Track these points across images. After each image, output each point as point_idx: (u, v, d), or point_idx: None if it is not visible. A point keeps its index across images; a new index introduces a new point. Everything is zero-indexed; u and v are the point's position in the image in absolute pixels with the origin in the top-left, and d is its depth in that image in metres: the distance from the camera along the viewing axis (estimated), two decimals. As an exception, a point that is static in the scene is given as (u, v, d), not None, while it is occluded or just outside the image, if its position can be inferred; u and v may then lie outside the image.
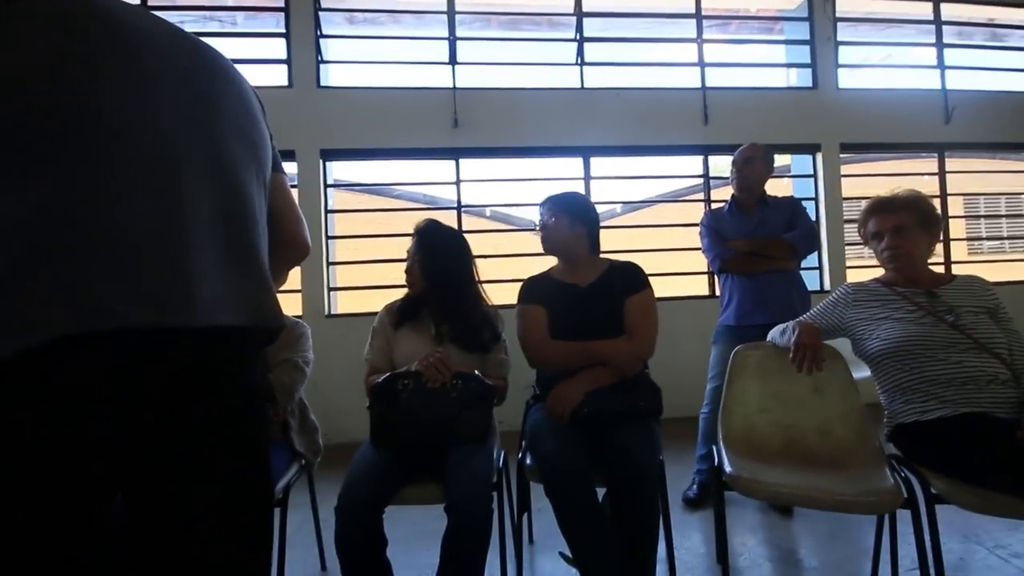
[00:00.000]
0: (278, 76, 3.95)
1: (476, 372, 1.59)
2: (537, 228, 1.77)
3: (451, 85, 4.02)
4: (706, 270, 4.17)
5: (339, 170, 4.62)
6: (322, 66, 4.02)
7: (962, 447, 1.31)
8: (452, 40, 4.06)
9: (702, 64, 4.24)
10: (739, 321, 2.24)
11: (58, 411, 0.58)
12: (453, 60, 4.05)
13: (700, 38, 4.27)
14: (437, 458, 1.49)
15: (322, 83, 4.00)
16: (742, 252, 2.22)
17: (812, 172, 4.38)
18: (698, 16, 4.27)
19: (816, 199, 4.32)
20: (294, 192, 2.69)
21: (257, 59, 4.02)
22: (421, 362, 1.54)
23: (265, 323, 0.75)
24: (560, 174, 4.28)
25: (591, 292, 1.71)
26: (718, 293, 2.43)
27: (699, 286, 4.30)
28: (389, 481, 1.43)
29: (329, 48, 4.11)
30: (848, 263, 4.29)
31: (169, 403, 0.67)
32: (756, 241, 2.21)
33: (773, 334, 1.74)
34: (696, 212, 4.41)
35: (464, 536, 1.31)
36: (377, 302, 1.95)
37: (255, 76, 3.96)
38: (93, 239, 0.60)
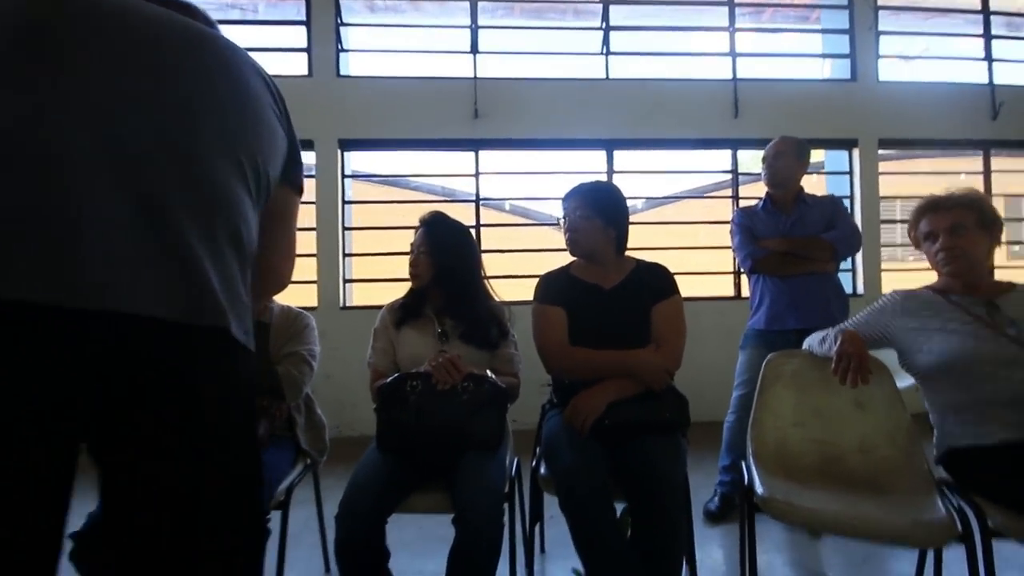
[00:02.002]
0: (298, 65, 3.90)
1: (489, 373, 1.50)
2: (562, 225, 1.66)
3: (472, 75, 3.93)
4: (732, 270, 4.01)
5: (357, 161, 4.55)
6: (342, 55, 3.96)
7: (1026, 475, 1.18)
8: (474, 28, 3.95)
9: (733, 54, 4.06)
10: (770, 325, 2.11)
11: None
12: (475, 49, 3.94)
13: (732, 27, 4.08)
14: (446, 464, 1.41)
15: (342, 72, 3.94)
16: (776, 252, 2.08)
17: (847, 169, 4.18)
18: (730, 4, 4.08)
19: (851, 197, 4.11)
20: (310, 183, 2.59)
21: (277, 47, 3.97)
22: (431, 362, 1.46)
23: (198, 320, 0.67)
24: (582, 167, 4.16)
25: (616, 295, 1.60)
26: (745, 294, 2.31)
27: (724, 286, 4.14)
28: (394, 489, 1.35)
29: (349, 36, 4.04)
30: (883, 266, 4.09)
31: (96, 392, 0.62)
32: (792, 241, 2.07)
33: (811, 342, 1.61)
34: (723, 209, 4.25)
35: (474, 552, 1.23)
36: (392, 294, 1.88)
37: (275, 65, 3.96)
38: None
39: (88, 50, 0.68)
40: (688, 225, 4.27)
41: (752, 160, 4.15)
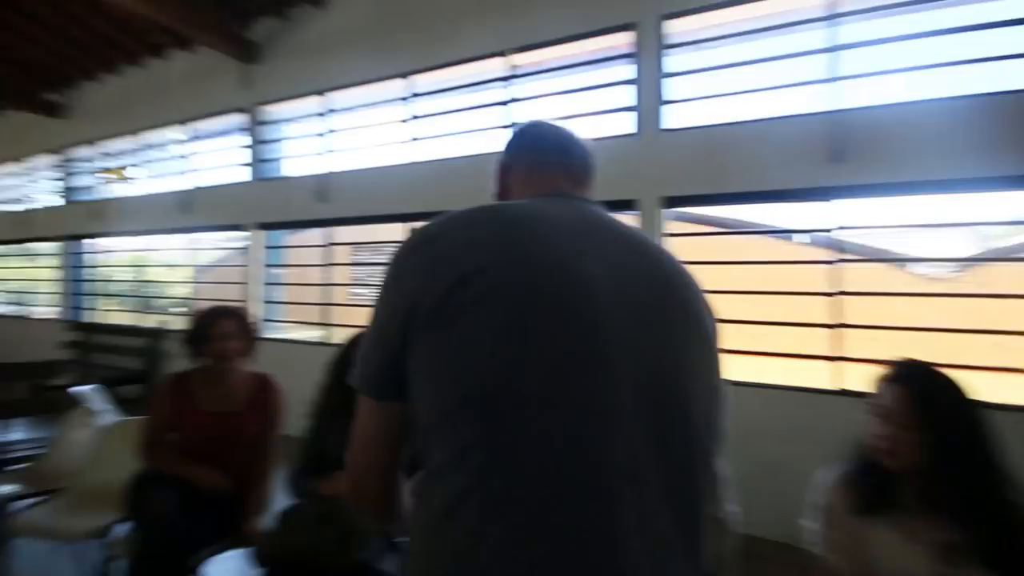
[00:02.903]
0: (623, 123, 3.88)
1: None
2: None
3: (824, 109, 3.26)
4: None
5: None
6: (663, 108, 3.77)
7: None
8: (833, 50, 3.27)
9: None
10: None
11: None
12: (833, 76, 3.26)
13: None
14: None
15: (663, 126, 3.76)
16: None
17: None
18: None
19: None
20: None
21: (607, 110, 4.02)
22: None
23: None
24: (982, 216, 3.06)
25: None
26: None
27: None
28: None
29: (671, 87, 3.82)
30: None
31: None
32: None
33: None
34: None
35: None
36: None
37: (603, 127, 4.04)
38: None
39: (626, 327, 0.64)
40: None
41: None
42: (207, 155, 6.39)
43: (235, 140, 6.09)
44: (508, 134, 0.93)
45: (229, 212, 6.01)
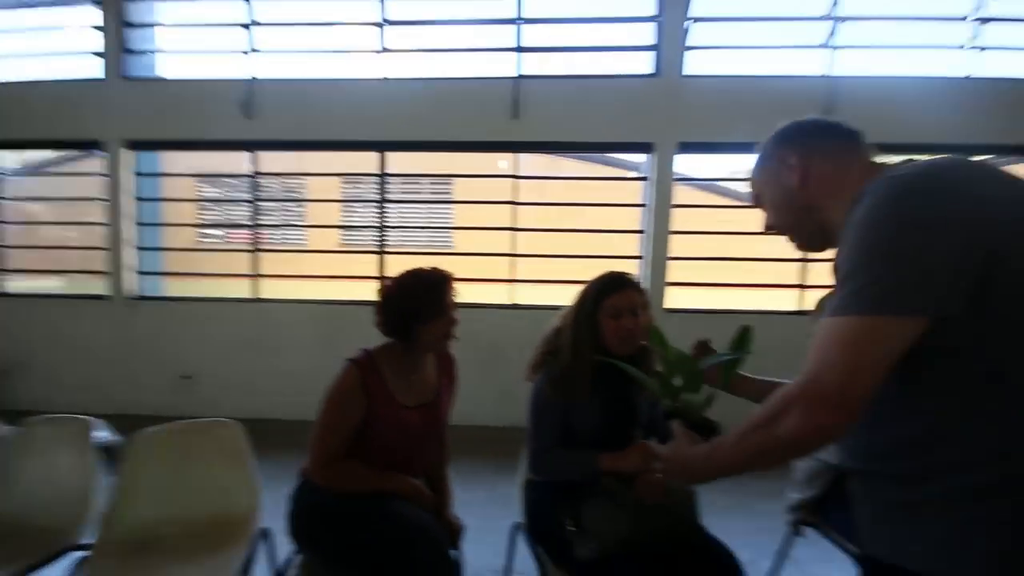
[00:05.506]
0: (644, 64, 3.79)
1: None
2: None
3: (822, 73, 3.66)
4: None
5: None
6: (686, 53, 3.79)
7: None
8: (834, 20, 3.62)
9: None
10: None
11: None
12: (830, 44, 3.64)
13: None
14: None
15: (685, 72, 3.79)
16: None
17: None
18: None
19: None
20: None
21: (626, 47, 3.85)
22: None
23: None
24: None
25: None
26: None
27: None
28: None
29: (695, 32, 3.82)
30: None
31: None
32: None
33: None
34: None
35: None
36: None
37: (621, 64, 3.85)
38: None
39: None
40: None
41: None
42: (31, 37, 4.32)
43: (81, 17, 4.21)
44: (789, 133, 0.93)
45: (73, 121, 4.24)
